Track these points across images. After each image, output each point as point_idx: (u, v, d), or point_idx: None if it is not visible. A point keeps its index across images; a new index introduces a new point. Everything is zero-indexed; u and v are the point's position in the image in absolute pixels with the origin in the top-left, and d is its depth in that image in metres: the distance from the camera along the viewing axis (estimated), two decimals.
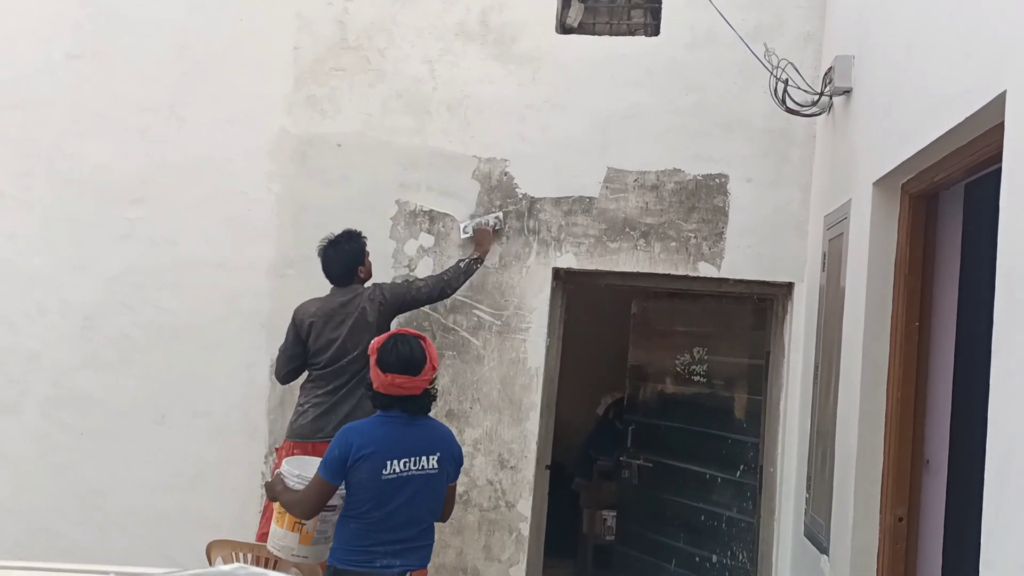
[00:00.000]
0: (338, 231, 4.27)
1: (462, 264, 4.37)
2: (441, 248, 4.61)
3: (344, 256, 4.16)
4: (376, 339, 3.19)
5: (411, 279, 4.43)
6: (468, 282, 4.55)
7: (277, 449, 4.19)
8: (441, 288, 4.28)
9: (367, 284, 4.21)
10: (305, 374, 4.21)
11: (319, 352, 4.12)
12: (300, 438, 4.07)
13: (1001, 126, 2.15)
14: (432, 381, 3.14)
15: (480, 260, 4.44)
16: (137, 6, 4.87)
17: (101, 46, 4.86)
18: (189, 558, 3.80)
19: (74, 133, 4.84)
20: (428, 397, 3.16)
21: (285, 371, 4.24)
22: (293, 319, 4.18)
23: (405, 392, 3.08)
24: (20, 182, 4.86)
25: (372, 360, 3.11)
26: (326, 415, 4.05)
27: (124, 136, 4.80)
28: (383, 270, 4.60)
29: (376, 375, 3.09)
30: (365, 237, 4.22)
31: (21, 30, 4.92)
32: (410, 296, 4.22)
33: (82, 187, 4.82)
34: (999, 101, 2.15)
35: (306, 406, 4.12)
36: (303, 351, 4.16)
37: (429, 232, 4.63)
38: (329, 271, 4.17)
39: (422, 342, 3.14)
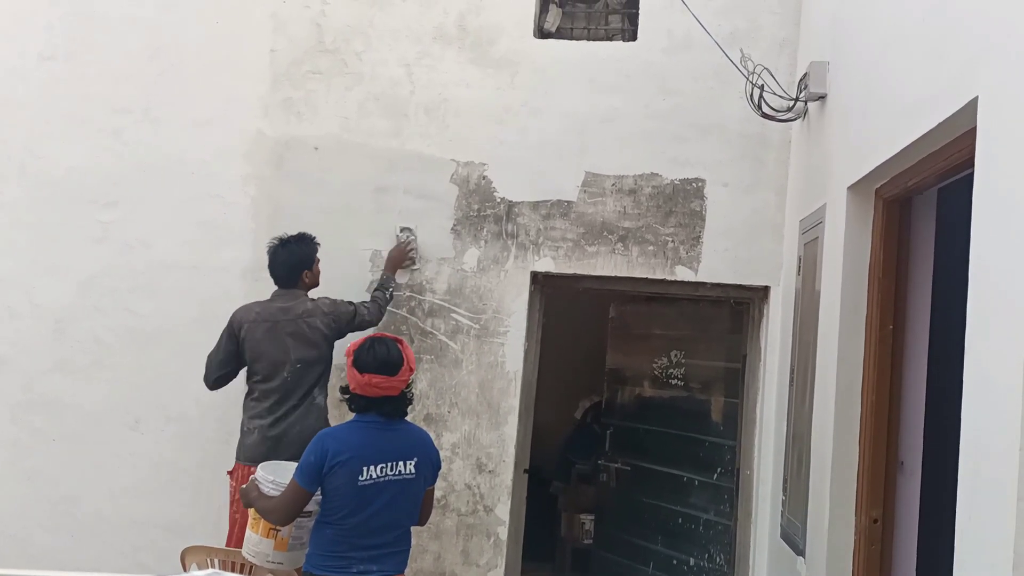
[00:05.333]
0: (315, 233, 4.26)
1: (388, 292, 4.34)
2: (419, 252, 4.59)
3: (291, 257, 4.11)
4: (352, 343, 3.18)
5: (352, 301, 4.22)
6: (447, 286, 4.56)
7: (229, 472, 4.07)
8: (380, 315, 4.26)
9: (312, 294, 4.13)
10: (245, 387, 4.12)
11: (256, 361, 4.03)
12: (250, 461, 3.95)
13: (973, 131, 2.18)
14: (408, 384, 3.14)
15: (394, 281, 4.42)
16: (110, 6, 4.81)
17: (74, 47, 4.80)
18: (162, 565, 3.77)
19: (46, 135, 4.78)
20: (405, 399, 3.15)
21: (215, 376, 4.13)
22: (230, 322, 4.09)
23: (382, 393, 3.06)
24: None
25: (348, 362, 3.10)
26: (275, 438, 3.94)
27: (97, 138, 4.75)
28: (360, 273, 4.58)
29: (353, 376, 3.07)
30: (318, 243, 4.18)
31: None
32: (357, 320, 4.14)
33: (54, 189, 4.75)
34: (971, 107, 2.18)
35: (250, 425, 4.04)
36: (236, 358, 4.08)
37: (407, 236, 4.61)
38: (274, 270, 4.13)
39: (399, 344, 3.14)
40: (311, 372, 4.02)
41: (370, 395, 3.07)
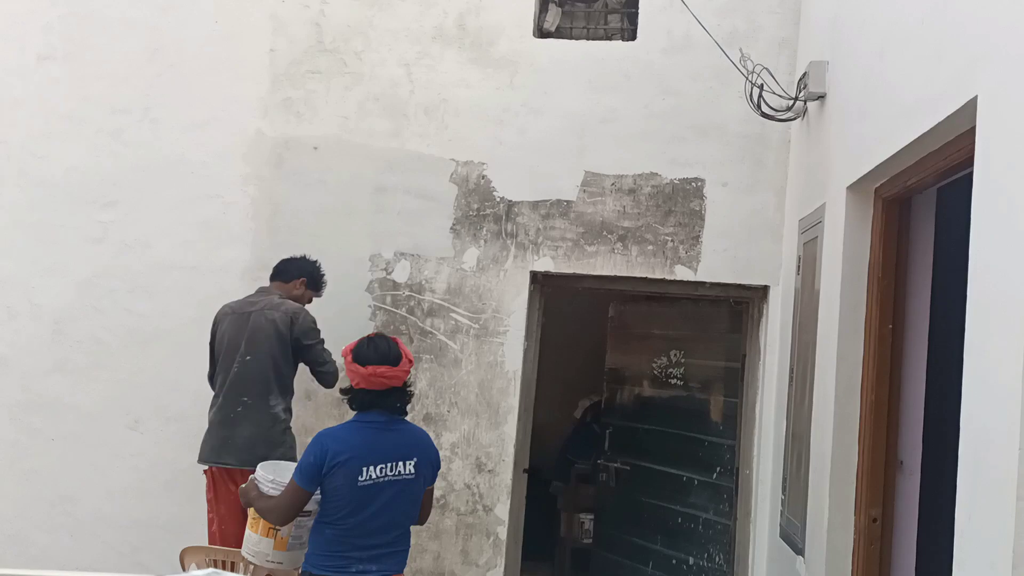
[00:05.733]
0: (314, 234, 4.40)
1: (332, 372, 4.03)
2: (419, 252, 4.60)
3: (306, 265, 4.21)
4: (349, 343, 3.19)
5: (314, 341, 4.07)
6: (447, 285, 4.56)
7: (205, 471, 4.05)
8: (332, 377, 3.97)
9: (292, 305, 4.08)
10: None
11: (219, 353, 4.07)
12: (203, 461, 3.98)
13: (973, 131, 2.18)
14: (409, 379, 3.15)
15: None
16: (109, 7, 4.82)
17: (73, 47, 4.80)
18: (161, 564, 3.76)
19: (45, 135, 4.78)
20: (407, 392, 3.16)
21: (208, 374, 4.19)
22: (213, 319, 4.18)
23: (387, 383, 3.07)
24: None
25: (347, 360, 3.11)
26: (223, 438, 3.92)
27: (97, 138, 4.75)
28: (360, 273, 4.58)
29: (355, 371, 3.08)
30: (324, 286, 4.26)
31: None
32: (319, 351, 3.98)
33: (53, 189, 4.75)
34: (971, 106, 2.18)
35: (209, 422, 4.04)
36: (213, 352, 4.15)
37: (407, 236, 4.61)
38: (279, 264, 4.23)
39: (395, 341, 3.18)
40: (263, 372, 3.95)
41: (375, 387, 3.07)
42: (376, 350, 3.09)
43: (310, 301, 4.25)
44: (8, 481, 4.67)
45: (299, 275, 4.18)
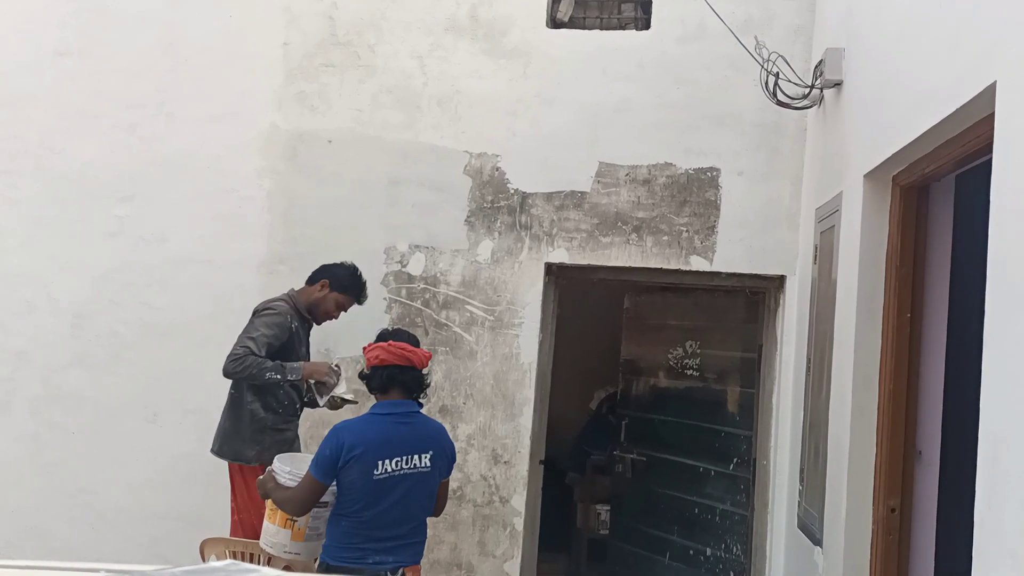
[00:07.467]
0: (329, 227, 4.41)
1: (270, 371, 3.71)
2: (433, 244, 4.60)
3: (327, 266, 4.07)
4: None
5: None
6: (461, 277, 4.55)
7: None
8: (241, 366, 3.68)
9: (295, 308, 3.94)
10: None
11: None
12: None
13: (991, 117, 2.15)
14: (425, 373, 3.23)
15: (284, 373, 3.77)
16: (123, 2, 4.83)
17: (87, 42, 4.83)
18: (181, 556, 3.79)
19: (61, 130, 4.81)
20: (424, 377, 3.22)
21: None
22: None
23: (409, 357, 3.13)
24: (6, 180, 4.82)
25: (369, 348, 3.19)
26: (216, 424, 3.90)
27: (112, 133, 4.77)
28: (375, 266, 4.58)
29: (378, 349, 3.14)
30: (357, 289, 4.03)
31: (6, 26, 4.88)
32: (238, 344, 3.78)
33: (70, 184, 4.78)
34: (989, 92, 2.15)
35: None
36: None
37: (421, 228, 4.61)
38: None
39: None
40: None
41: (395, 359, 3.11)
42: (397, 335, 3.27)
43: (344, 308, 4.04)
44: (29, 474, 4.72)
45: (322, 277, 4.03)
